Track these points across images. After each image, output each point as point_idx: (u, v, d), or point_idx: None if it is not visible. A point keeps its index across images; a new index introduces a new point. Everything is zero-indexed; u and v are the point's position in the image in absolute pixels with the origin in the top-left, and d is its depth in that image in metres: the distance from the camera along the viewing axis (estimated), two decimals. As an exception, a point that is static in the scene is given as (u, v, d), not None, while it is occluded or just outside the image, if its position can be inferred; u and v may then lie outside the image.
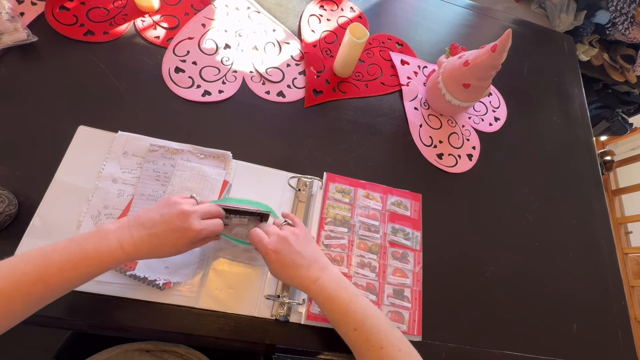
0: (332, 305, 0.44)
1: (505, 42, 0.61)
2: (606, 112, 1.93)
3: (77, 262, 0.36)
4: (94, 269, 0.37)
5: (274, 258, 0.45)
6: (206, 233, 0.43)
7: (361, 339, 0.42)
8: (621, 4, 1.46)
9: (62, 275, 0.35)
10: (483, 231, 0.69)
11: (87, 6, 0.68)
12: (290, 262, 0.45)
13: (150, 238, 0.40)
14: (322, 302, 0.45)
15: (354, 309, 0.44)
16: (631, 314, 0.92)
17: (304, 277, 0.45)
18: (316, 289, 0.45)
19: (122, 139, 0.57)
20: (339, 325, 0.44)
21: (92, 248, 0.37)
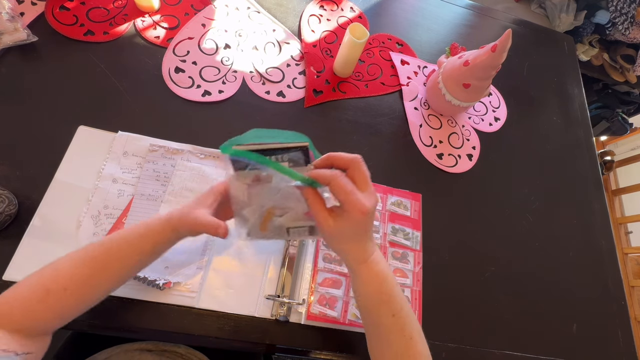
0: (382, 285, 0.39)
1: (505, 42, 0.61)
2: (606, 112, 1.93)
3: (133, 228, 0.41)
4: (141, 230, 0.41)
5: (362, 219, 0.36)
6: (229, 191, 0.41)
7: (397, 326, 0.39)
8: (621, 4, 1.46)
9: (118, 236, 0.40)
10: (483, 231, 0.69)
11: (87, 6, 0.68)
12: (369, 230, 0.39)
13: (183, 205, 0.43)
14: (372, 278, 0.39)
15: (397, 293, 0.40)
16: (631, 314, 0.92)
17: (365, 249, 0.39)
18: (371, 263, 0.39)
19: (122, 139, 0.57)
20: (379, 307, 0.40)
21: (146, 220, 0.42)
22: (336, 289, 0.56)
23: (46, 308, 0.36)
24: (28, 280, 0.36)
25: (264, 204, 0.39)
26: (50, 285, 0.36)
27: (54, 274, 0.37)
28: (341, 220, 0.36)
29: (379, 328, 0.40)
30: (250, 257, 0.55)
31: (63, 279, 0.36)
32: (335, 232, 0.37)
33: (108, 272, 0.39)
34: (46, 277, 0.36)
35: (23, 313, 0.35)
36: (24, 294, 0.35)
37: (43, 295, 0.35)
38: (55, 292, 0.36)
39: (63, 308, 0.37)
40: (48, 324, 0.37)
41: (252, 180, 0.38)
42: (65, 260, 0.38)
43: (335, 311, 0.54)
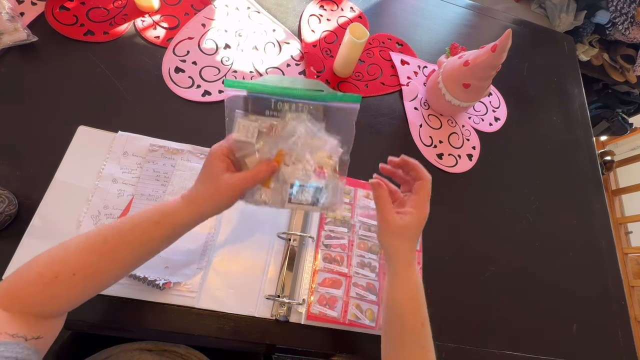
0: (418, 292, 0.42)
1: (505, 42, 0.61)
2: (606, 112, 1.93)
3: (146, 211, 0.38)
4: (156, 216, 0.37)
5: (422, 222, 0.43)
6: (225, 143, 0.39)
7: (422, 335, 0.41)
8: (621, 4, 1.46)
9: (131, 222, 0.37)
10: (483, 231, 0.69)
11: (87, 6, 0.68)
12: (419, 233, 0.44)
13: (195, 184, 0.39)
14: (410, 285, 0.42)
15: (425, 304, 0.43)
16: (631, 314, 0.92)
17: (409, 253, 0.43)
18: (412, 270, 0.42)
19: (122, 139, 0.57)
20: (411, 314, 0.41)
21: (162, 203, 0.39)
22: (336, 289, 0.56)
23: (54, 292, 0.34)
24: (36, 260, 0.35)
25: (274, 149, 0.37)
26: (59, 269, 0.34)
27: (63, 256, 0.35)
28: (408, 219, 0.42)
29: (405, 336, 0.41)
30: (251, 257, 0.55)
31: (72, 264, 0.35)
32: (400, 228, 0.42)
33: (118, 258, 0.37)
34: (55, 260, 0.35)
35: (31, 296, 0.33)
36: (31, 276, 0.34)
37: (51, 279, 0.34)
38: (64, 276, 0.34)
39: (72, 292, 0.35)
40: (58, 307, 0.36)
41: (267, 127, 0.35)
42: (75, 243, 0.36)
43: (335, 311, 0.54)
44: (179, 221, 0.38)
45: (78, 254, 0.35)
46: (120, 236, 0.36)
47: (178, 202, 0.38)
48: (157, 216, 0.37)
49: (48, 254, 0.35)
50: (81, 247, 0.36)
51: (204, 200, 0.38)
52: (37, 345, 0.32)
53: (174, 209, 0.38)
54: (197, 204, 0.38)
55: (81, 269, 0.35)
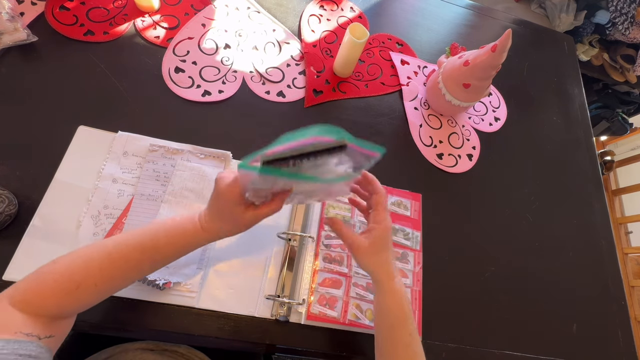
0: (403, 303, 0.44)
1: (505, 42, 0.61)
2: (606, 112, 1.93)
3: (168, 230, 0.41)
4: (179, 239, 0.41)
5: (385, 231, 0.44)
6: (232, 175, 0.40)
7: (411, 347, 0.43)
8: (621, 4, 1.46)
9: (154, 242, 0.40)
10: (483, 231, 0.69)
11: (87, 6, 0.68)
12: (390, 245, 0.46)
13: (210, 213, 0.42)
14: (397, 297, 0.44)
15: (411, 315, 0.44)
16: (631, 314, 0.92)
17: (390, 266, 0.45)
18: (396, 284, 0.44)
19: (122, 139, 0.57)
20: (398, 325, 0.43)
21: (180, 220, 0.42)
22: (336, 289, 0.56)
23: (74, 300, 0.36)
24: (56, 269, 0.36)
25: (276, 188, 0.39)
26: (81, 280, 0.36)
27: (85, 267, 0.37)
28: (372, 237, 0.44)
29: (395, 347, 0.43)
30: (251, 257, 0.55)
31: (96, 276, 0.37)
32: (368, 248, 0.44)
33: (138, 273, 0.41)
34: (77, 271, 0.36)
35: (51, 304, 0.35)
36: (51, 284, 0.35)
37: (73, 289, 0.35)
38: (85, 287, 0.36)
39: (89, 300, 0.38)
40: (74, 311, 0.38)
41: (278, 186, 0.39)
42: (95, 256, 0.37)
43: (335, 311, 0.54)
44: (196, 242, 0.42)
45: (101, 268, 0.37)
46: (144, 255, 0.39)
47: (197, 226, 0.41)
48: (182, 242, 0.41)
49: (68, 264, 0.36)
50: (104, 262, 0.37)
51: (225, 232, 0.42)
52: (49, 343, 0.34)
53: (194, 231, 0.41)
54: (218, 235, 0.42)
55: (104, 281, 0.37)
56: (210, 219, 0.41)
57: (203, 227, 0.41)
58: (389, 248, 0.45)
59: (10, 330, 0.31)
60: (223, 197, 0.39)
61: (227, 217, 0.41)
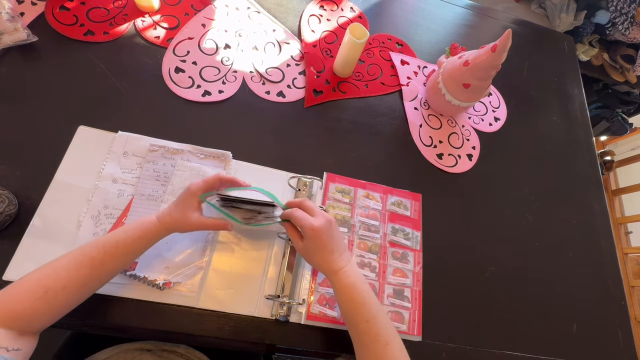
0: (353, 294, 0.46)
1: (505, 42, 0.61)
2: (606, 112, 1.93)
3: (127, 229, 0.45)
4: (137, 233, 0.45)
5: (314, 235, 0.47)
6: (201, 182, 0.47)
7: (372, 332, 0.44)
8: (621, 4, 1.46)
9: (114, 239, 0.43)
10: (483, 231, 0.69)
11: (87, 6, 0.68)
12: (327, 244, 0.48)
13: (169, 209, 0.48)
14: (344, 288, 0.46)
15: (370, 301, 0.46)
16: (631, 314, 0.92)
17: (334, 261, 0.48)
18: (342, 275, 0.47)
19: (122, 139, 0.57)
20: (353, 314, 0.45)
21: (138, 219, 0.46)
22: (336, 289, 0.56)
23: (44, 305, 0.38)
24: (26, 279, 0.38)
25: None
26: (50, 284, 0.38)
27: (52, 273, 0.39)
28: (305, 240, 0.48)
29: (357, 334, 0.46)
30: (251, 257, 0.55)
31: (63, 279, 0.39)
32: (304, 249, 0.49)
33: (105, 272, 0.43)
34: (45, 277, 0.39)
35: (21, 310, 0.37)
36: (22, 292, 0.37)
37: (42, 294, 0.37)
38: (54, 290, 0.38)
39: (60, 305, 0.39)
40: (42, 321, 0.39)
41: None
42: (63, 261, 0.40)
43: (335, 311, 0.54)
44: (155, 237, 0.46)
45: (68, 270, 0.40)
46: (105, 251, 0.42)
47: (155, 224, 0.46)
48: (139, 233, 0.45)
49: (36, 273, 0.39)
50: (70, 264, 0.40)
51: (176, 226, 0.47)
52: (17, 356, 0.35)
53: (152, 228, 0.46)
54: (171, 228, 0.47)
55: (72, 282, 0.39)
56: (168, 211, 0.47)
57: (160, 219, 0.46)
58: (326, 247, 0.48)
59: None
60: (188, 191, 0.47)
61: (182, 212, 0.46)
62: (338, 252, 0.48)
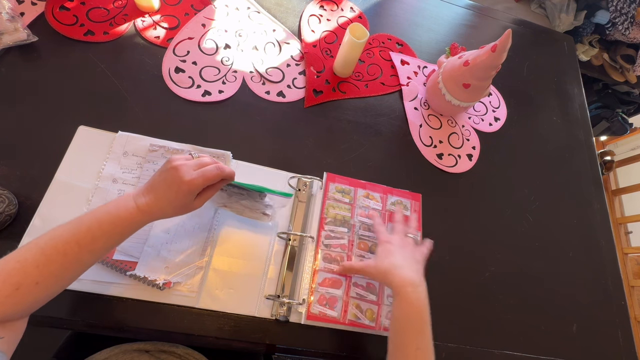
0: (418, 315, 0.45)
1: (505, 42, 0.61)
2: (606, 112, 1.93)
3: (102, 220, 0.39)
4: (116, 227, 0.40)
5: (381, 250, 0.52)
6: (201, 181, 0.42)
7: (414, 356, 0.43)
8: (621, 4, 1.46)
9: (90, 234, 0.38)
10: (483, 231, 0.69)
11: (87, 6, 0.68)
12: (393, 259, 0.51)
13: (157, 200, 0.42)
14: (411, 305, 0.46)
15: (427, 329, 0.45)
16: (631, 314, 0.92)
17: (407, 276, 0.48)
18: (407, 290, 0.46)
19: (122, 139, 0.57)
20: (408, 335, 0.45)
21: (114, 207, 0.41)
22: (336, 289, 0.56)
23: (16, 301, 0.35)
24: None
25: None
26: (21, 281, 0.35)
27: (21, 269, 0.35)
28: (376, 257, 0.53)
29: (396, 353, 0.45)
30: (251, 257, 0.55)
31: (34, 275, 0.35)
32: (374, 262, 0.52)
33: (81, 265, 0.39)
34: (14, 272, 0.35)
35: None
36: None
37: (12, 290, 0.34)
38: (27, 287, 0.35)
39: (37, 298, 0.36)
40: (21, 313, 0.36)
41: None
42: (32, 257, 0.36)
43: (335, 311, 0.54)
44: (135, 227, 0.42)
45: (38, 266, 0.35)
46: (81, 249, 0.38)
47: (134, 212, 0.41)
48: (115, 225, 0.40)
49: (1, 268, 0.35)
50: (39, 259, 0.36)
51: (166, 215, 0.43)
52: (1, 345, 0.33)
53: (131, 217, 0.41)
54: (156, 216, 0.43)
55: (44, 278, 0.36)
56: (154, 203, 0.42)
57: (141, 209, 0.41)
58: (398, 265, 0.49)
59: None
60: (182, 187, 0.41)
61: (176, 203, 0.42)
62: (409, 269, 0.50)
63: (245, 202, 0.55)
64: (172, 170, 0.42)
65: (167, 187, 0.42)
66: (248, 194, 0.54)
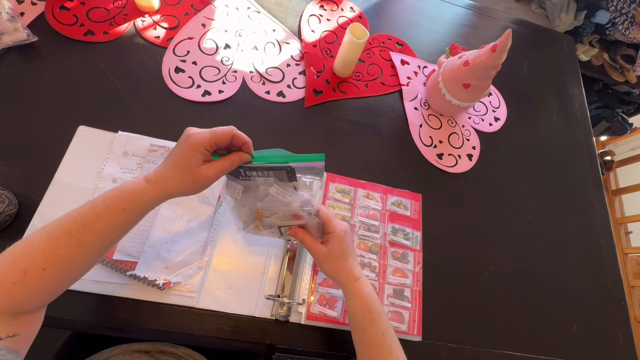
0: (371, 304, 0.45)
1: (505, 42, 0.61)
2: (606, 112, 1.93)
3: (107, 195, 0.37)
4: (118, 201, 0.37)
5: (338, 238, 0.46)
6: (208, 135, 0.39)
7: (386, 344, 0.44)
8: (621, 4, 1.46)
9: (94, 211, 0.36)
10: (483, 231, 0.69)
11: (87, 6, 0.68)
12: (348, 250, 0.47)
13: (164, 167, 0.39)
14: (363, 297, 0.45)
15: (383, 314, 0.46)
16: (631, 314, 0.92)
17: (351, 270, 0.47)
18: (359, 285, 0.46)
19: (122, 139, 0.57)
20: (370, 325, 0.45)
21: (121, 186, 0.38)
22: (336, 289, 0.56)
23: (25, 289, 0.33)
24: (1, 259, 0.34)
25: (253, 206, 0.46)
26: (27, 267, 0.33)
27: (28, 253, 0.34)
28: (329, 243, 0.47)
29: (371, 347, 0.44)
30: (251, 257, 0.55)
31: (40, 260, 0.34)
32: (327, 254, 0.47)
33: (88, 248, 0.36)
34: (19, 259, 0.33)
35: (2, 297, 0.32)
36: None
37: (20, 277, 0.32)
38: (34, 272, 0.33)
39: (46, 286, 0.34)
40: (32, 303, 0.35)
41: (245, 188, 0.45)
42: (38, 239, 0.35)
43: (335, 311, 0.54)
44: (144, 204, 0.38)
45: (44, 249, 0.34)
46: (85, 228, 0.35)
47: (143, 185, 0.38)
48: (122, 203, 0.37)
49: (8, 254, 0.34)
50: (46, 243, 0.34)
51: (175, 186, 0.39)
52: (14, 343, 0.32)
53: (139, 192, 0.38)
54: (166, 188, 0.38)
55: (52, 263, 0.34)
56: (161, 170, 0.39)
57: (147, 177, 0.38)
58: (348, 252, 0.47)
59: None
60: (188, 141, 0.38)
61: (181, 164, 0.38)
62: (354, 261, 0.48)
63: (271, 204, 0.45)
64: (183, 135, 0.39)
65: (175, 148, 0.39)
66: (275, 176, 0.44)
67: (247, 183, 0.45)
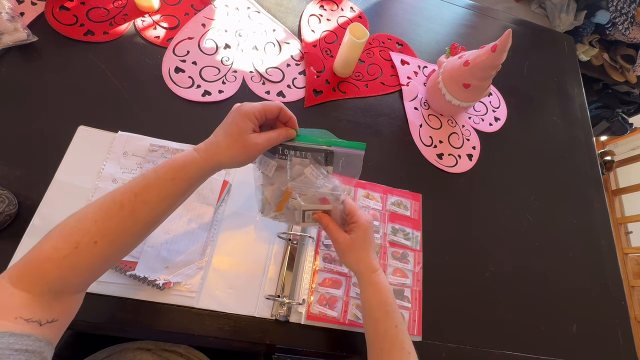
0: (387, 296, 0.46)
1: (505, 42, 0.61)
2: (606, 112, 1.93)
3: (159, 166, 0.38)
4: (168, 171, 0.37)
5: (364, 228, 0.47)
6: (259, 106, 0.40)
7: (398, 338, 0.44)
8: (621, 4, 1.46)
9: (145, 180, 0.37)
10: (483, 231, 0.69)
11: (87, 6, 0.68)
12: (370, 241, 0.48)
13: (215, 135, 0.41)
14: (379, 289, 0.46)
15: (397, 307, 0.46)
16: (631, 314, 0.92)
17: (371, 261, 0.47)
18: (377, 276, 0.47)
19: (122, 139, 0.57)
20: (383, 317, 0.45)
21: (174, 157, 0.39)
22: (336, 289, 0.56)
23: (75, 263, 0.33)
24: (49, 236, 0.33)
25: (283, 185, 0.46)
26: (79, 239, 0.33)
27: (80, 226, 0.34)
28: (353, 233, 0.47)
29: (383, 340, 0.44)
30: (251, 257, 0.55)
31: (92, 232, 0.34)
32: (349, 243, 0.47)
33: (139, 219, 0.36)
34: (71, 232, 0.33)
35: (50, 271, 0.32)
36: (47, 251, 0.32)
37: (71, 250, 0.32)
38: (85, 245, 0.33)
39: (95, 260, 0.34)
40: (79, 279, 0.35)
41: (279, 166, 0.45)
42: (91, 212, 0.35)
43: (335, 311, 0.54)
44: (193, 174, 0.39)
45: (96, 221, 0.34)
46: (137, 198, 0.36)
47: (193, 155, 0.39)
48: (172, 172, 0.37)
49: (60, 228, 0.34)
50: (98, 215, 0.34)
51: (224, 154, 0.39)
52: (51, 331, 0.32)
53: (190, 162, 0.38)
54: (216, 155, 0.39)
55: (103, 236, 0.34)
56: (212, 139, 0.40)
57: (197, 147, 0.39)
58: (370, 244, 0.48)
59: (10, 315, 0.29)
60: (240, 110, 0.39)
61: (235, 136, 0.39)
62: (375, 252, 0.49)
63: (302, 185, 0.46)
64: (234, 106, 0.41)
65: (226, 118, 0.41)
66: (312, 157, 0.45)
67: (282, 162, 0.45)
